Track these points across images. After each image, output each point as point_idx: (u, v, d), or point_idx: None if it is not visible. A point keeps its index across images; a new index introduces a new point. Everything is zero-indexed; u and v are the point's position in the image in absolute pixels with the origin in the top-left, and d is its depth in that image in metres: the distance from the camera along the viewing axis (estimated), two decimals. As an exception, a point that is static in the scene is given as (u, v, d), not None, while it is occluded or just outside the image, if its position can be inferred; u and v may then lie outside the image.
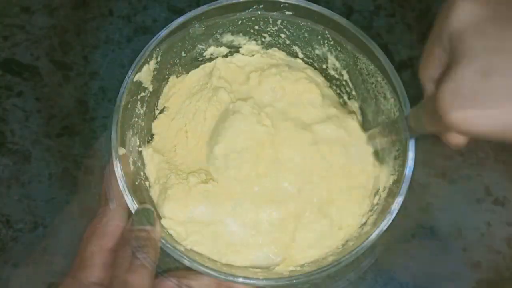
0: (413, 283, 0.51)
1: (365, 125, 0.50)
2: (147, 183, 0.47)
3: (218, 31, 0.50)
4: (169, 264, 0.40)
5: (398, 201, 0.41)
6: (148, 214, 0.40)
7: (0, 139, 0.56)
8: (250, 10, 0.48)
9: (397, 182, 0.42)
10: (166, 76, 0.51)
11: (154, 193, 0.47)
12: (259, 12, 0.49)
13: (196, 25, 0.47)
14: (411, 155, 0.41)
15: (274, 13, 0.49)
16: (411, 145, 0.41)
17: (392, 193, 0.43)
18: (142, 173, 0.47)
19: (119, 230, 0.40)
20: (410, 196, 0.41)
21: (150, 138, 0.50)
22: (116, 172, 0.41)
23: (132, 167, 0.45)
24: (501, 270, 0.52)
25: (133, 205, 0.40)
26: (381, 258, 0.39)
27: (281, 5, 0.48)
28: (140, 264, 0.36)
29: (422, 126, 0.34)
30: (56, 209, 0.53)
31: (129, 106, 0.45)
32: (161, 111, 0.52)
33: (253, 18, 0.50)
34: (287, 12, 0.48)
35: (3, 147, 0.56)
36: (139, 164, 0.47)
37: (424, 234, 0.53)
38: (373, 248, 0.41)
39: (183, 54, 0.50)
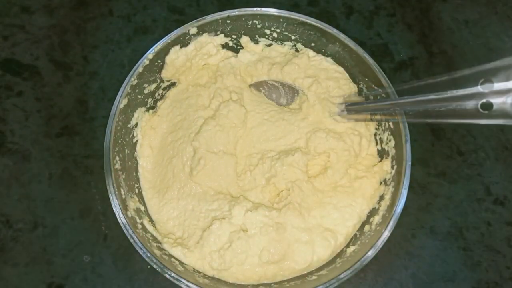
0: (413, 283, 0.51)
1: None
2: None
3: None
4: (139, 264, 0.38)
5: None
6: None
7: (0, 139, 0.56)
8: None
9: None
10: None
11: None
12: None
13: None
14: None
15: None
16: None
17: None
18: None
19: None
20: (410, 196, 0.41)
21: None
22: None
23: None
24: (501, 270, 0.52)
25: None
26: (381, 258, 0.38)
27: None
28: None
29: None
30: (56, 209, 0.53)
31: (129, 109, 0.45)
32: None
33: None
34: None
35: (3, 147, 0.56)
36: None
37: (424, 234, 0.53)
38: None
39: None
